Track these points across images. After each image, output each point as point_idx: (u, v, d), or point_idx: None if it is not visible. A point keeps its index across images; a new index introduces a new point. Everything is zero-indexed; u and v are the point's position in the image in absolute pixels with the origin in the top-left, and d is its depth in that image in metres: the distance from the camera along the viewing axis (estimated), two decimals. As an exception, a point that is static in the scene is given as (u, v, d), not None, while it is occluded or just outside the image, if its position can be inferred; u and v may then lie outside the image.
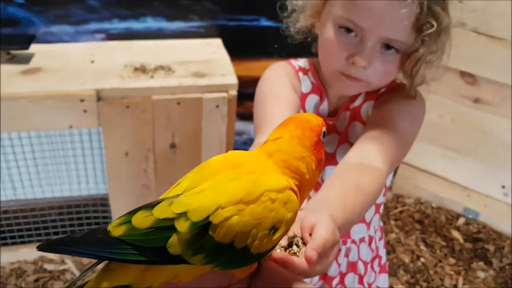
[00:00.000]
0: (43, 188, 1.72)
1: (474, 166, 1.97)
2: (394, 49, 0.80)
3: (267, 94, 0.91)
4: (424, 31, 0.77)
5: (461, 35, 1.77)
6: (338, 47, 0.82)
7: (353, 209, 0.68)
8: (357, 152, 0.80)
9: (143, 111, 1.45)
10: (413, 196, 2.12)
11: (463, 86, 1.87)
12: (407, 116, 0.87)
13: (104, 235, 0.48)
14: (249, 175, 0.49)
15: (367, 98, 0.92)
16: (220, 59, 1.60)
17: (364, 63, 0.79)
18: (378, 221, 1.06)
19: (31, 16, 1.54)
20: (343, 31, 0.81)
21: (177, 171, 1.59)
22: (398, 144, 0.83)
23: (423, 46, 0.78)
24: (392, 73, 0.84)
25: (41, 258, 1.72)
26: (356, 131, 0.91)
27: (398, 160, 0.84)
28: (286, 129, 0.56)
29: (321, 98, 0.94)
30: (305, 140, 0.55)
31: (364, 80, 0.83)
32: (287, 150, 0.53)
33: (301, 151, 0.54)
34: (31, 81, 1.41)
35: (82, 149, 1.67)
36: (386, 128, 0.83)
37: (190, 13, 1.65)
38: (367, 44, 0.79)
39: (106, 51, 1.59)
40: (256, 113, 0.91)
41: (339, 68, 0.83)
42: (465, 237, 1.95)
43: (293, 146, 0.54)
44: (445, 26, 0.80)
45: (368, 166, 0.76)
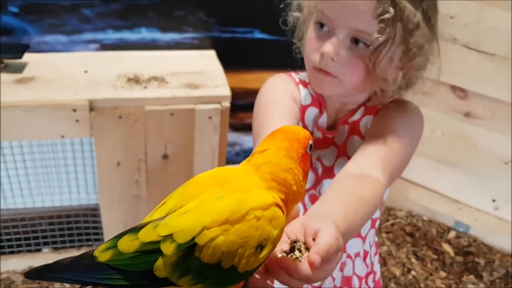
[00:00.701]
0: (34, 197, 1.71)
1: (465, 180, 1.98)
2: (363, 44, 0.80)
3: (268, 103, 0.91)
4: (382, 17, 0.76)
5: (452, 50, 1.79)
6: (314, 42, 0.83)
7: (354, 218, 0.68)
8: (356, 163, 0.80)
9: (135, 122, 1.45)
10: (404, 209, 2.13)
11: (454, 100, 1.88)
12: (406, 129, 0.87)
13: (90, 260, 0.48)
14: (234, 193, 0.49)
15: (366, 112, 0.92)
16: (213, 71, 1.60)
17: (331, 51, 0.79)
18: (374, 236, 1.06)
19: (25, 25, 1.55)
20: (318, 27, 0.83)
21: (169, 182, 1.59)
22: (397, 156, 0.83)
23: (380, 34, 0.77)
24: (359, 69, 0.81)
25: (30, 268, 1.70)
26: (354, 145, 0.91)
27: (397, 172, 0.84)
28: (273, 140, 0.56)
29: (321, 111, 0.94)
30: (292, 152, 0.55)
31: (334, 75, 0.82)
32: (274, 162, 0.54)
33: (288, 162, 0.54)
34: (24, 90, 1.41)
35: (73, 158, 1.66)
36: (385, 140, 0.83)
37: (184, 24, 1.66)
38: (337, 34, 0.80)
39: (100, 61, 1.59)
40: (255, 122, 0.90)
41: (313, 63, 0.83)
42: (456, 251, 1.95)
43: (280, 157, 0.54)
44: (414, 22, 0.78)
45: (368, 177, 0.76)
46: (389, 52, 0.79)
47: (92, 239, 1.76)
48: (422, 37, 0.80)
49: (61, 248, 1.75)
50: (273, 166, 0.53)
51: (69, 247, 1.76)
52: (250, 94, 1.81)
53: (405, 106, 0.91)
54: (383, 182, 0.77)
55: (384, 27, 0.77)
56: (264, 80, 0.99)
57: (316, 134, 0.94)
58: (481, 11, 1.71)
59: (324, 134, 0.94)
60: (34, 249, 1.73)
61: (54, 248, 1.75)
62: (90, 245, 1.77)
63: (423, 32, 0.80)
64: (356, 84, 0.84)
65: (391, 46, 0.79)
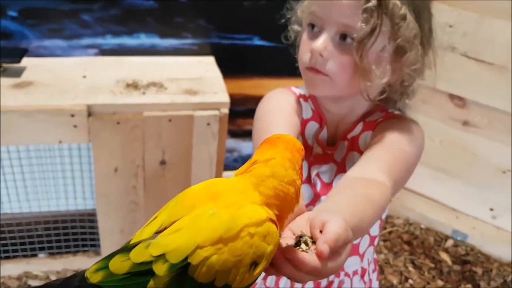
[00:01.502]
0: (30, 202, 1.70)
1: (463, 188, 1.98)
2: (351, 39, 0.79)
3: (270, 112, 0.90)
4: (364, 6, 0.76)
5: (451, 58, 1.80)
6: (306, 43, 0.83)
7: (363, 218, 0.66)
8: (360, 168, 0.79)
9: (134, 128, 1.44)
10: (402, 217, 2.13)
11: (453, 108, 1.88)
12: (407, 140, 0.86)
13: (81, 282, 0.47)
14: (227, 209, 0.48)
15: (365, 128, 0.91)
16: (212, 77, 1.60)
17: (319, 47, 0.79)
18: (372, 254, 1.05)
19: (24, 30, 1.54)
20: (310, 29, 0.83)
21: (166, 188, 1.58)
22: (400, 165, 0.82)
23: (365, 24, 0.77)
24: (348, 65, 0.80)
25: (26, 274, 1.69)
26: (354, 161, 0.90)
27: (401, 182, 0.83)
28: (276, 150, 0.55)
29: (321, 125, 0.94)
30: (295, 163, 0.54)
31: (324, 72, 0.81)
32: (280, 174, 0.52)
33: (292, 174, 0.53)
34: (22, 95, 1.40)
35: (71, 164, 1.66)
36: (388, 149, 0.82)
37: (183, 30, 1.65)
38: (326, 31, 0.80)
39: (99, 66, 1.59)
40: (256, 129, 0.89)
41: (305, 63, 0.83)
42: (453, 259, 1.95)
43: (286, 168, 0.53)
44: (400, 15, 0.77)
45: (375, 180, 0.75)
46: (376, 44, 0.78)
47: (88, 244, 1.75)
48: (410, 31, 0.79)
49: (57, 254, 1.74)
50: (278, 179, 0.52)
51: (65, 252, 1.75)
52: (249, 100, 1.81)
53: (403, 120, 0.90)
54: (389, 186, 0.76)
55: (368, 17, 0.77)
56: (263, 86, 0.99)
57: (316, 150, 0.94)
58: (480, 21, 1.71)
59: (324, 150, 0.93)
60: (30, 254, 1.72)
61: (50, 253, 1.74)
62: (86, 251, 1.76)
63: (411, 25, 0.79)
64: (346, 81, 0.83)
65: (376, 37, 0.78)
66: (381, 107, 0.93)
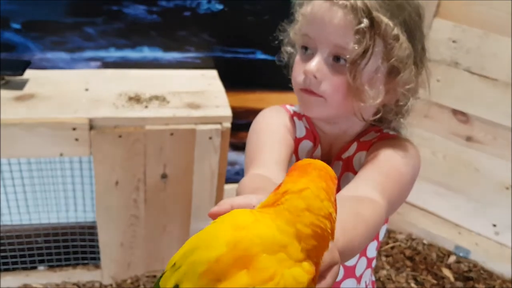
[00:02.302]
0: (31, 215, 1.70)
1: (466, 204, 1.96)
2: (344, 60, 0.79)
3: (264, 130, 0.90)
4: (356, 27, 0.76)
5: (454, 74, 1.79)
6: (299, 65, 0.83)
7: (354, 236, 0.64)
8: (352, 187, 0.77)
9: (135, 141, 1.44)
10: (404, 232, 2.11)
11: (456, 124, 1.88)
12: (402, 159, 0.85)
13: None
14: (266, 285, 0.44)
15: (359, 148, 0.90)
16: (215, 91, 1.60)
17: (313, 69, 0.79)
18: (370, 276, 1.03)
19: (27, 42, 1.54)
20: (303, 51, 0.83)
21: (167, 202, 1.58)
22: (395, 184, 0.81)
23: (357, 45, 0.77)
24: (341, 85, 0.80)
25: (25, 286, 1.68)
26: (348, 182, 0.89)
27: (396, 201, 0.81)
28: (309, 178, 0.49)
29: (315, 144, 0.93)
30: (330, 194, 0.49)
31: (318, 93, 0.81)
32: (316, 207, 0.47)
33: (328, 206, 0.48)
34: (24, 108, 1.40)
35: (72, 176, 1.65)
36: (381, 169, 0.81)
37: (186, 44, 1.65)
38: (319, 53, 0.80)
39: (101, 79, 1.59)
40: (250, 146, 0.89)
41: (299, 84, 0.83)
42: (456, 276, 1.93)
43: (322, 200, 0.48)
44: (392, 36, 0.77)
45: (368, 199, 0.73)
46: (369, 65, 0.78)
47: (88, 257, 1.74)
48: (403, 51, 0.79)
49: (56, 266, 1.73)
50: (314, 213, 0.47)
51: (64, 265, 1.73)
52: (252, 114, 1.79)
53: (398, 140, 0.89)
54: (382, 204, 0.74)
55: (360, 38, 0.77)
56: (266, 100, 0.99)
57: None
58: (484, 37, 1.71)
59: None
60: (30, 267, 1.71)
61: (50, 266, 1.73)
62: (86, 264, 1.75)
63: (404, 45, 0.79)
64: (340, 102, 0.82)
65: (369, 58, 0.78)
66: (376, 127, 0.92)
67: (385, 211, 0.75)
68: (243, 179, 0.76)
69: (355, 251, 0.68)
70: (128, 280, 1.72)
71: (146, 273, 1.73)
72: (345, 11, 0.77)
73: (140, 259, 1.69)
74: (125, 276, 1.71)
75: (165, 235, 1.64)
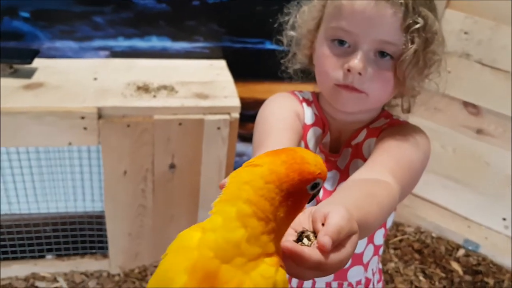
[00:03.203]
0: (39, 204, 1.70)
1: (475, 197, 1.95)
2: (389, 56, 0.79)
3: (271, 116, 0.89)
4: (411, 28, 0.77)
5: (465, 66, 1.77)
6: (333, 59, 0.81)
7: (368, 215, 0.63)
8: (365, 171, 0.77)
9: (143, 131, 1.44)
10: (413, 225, 2.10)
11: (466, 116, 1.86)
12: (412, 145, 0.84)
13: None
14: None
15: (369, 134, 0.90)
16: (223, 81, 1.59)
17: (359, 65, 0.78)
18: (377, 263, 1.03)
19: (36, 31, 1.54)
20: (336, 44, 0.81)
21: (175, 192, 1.57)
22: (405, 170, 0.80)
23: (412, 45, 0.77)
24: (388, 81, 0.81)
25: (33, 275, 1.69)
26: (357, 168, 0.89)
27: (407, 187, 0.81)
28: (272, 159, 0.48)
29: (324, 131, 0.92)
30: (283, 183, 0.47)
31: (361, 90, 0.81)
32: (256, 185, 0.46)
33: (271, 190, 0.47)
34: (32, 97, 1.40)
35: (80, 166, 1.65)
36: (392, 155, 0.81)
37: (195, 33, 1.65)
38: (361, 48, 0.79)
39: (110, 68, 1.58)
40: (257, 133, 0.88)
41: (335, 80, 0.82)
42: (464, 269, 1.92)
43: (267, 182, 0.47)
44: (434, 30, 0.79)
45: (381, 181, 0.73)
46: (414, 59, 0.79)
47: (96, 247, 1.74)
48: (439, 45, 0.81)
49: (64, 255, 1.74)
50: (253, 189, 0.46)
51: (72, 254, 1.74)
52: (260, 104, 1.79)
53: (408, 126, 0.90)
54: (396, 187, 0.74)
55: (413, 38, 0.77)
56: (275, 91, 0.98)
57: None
58: (495, 29, 1.69)
59: (327, 157, 0.91)
60: (38, 256, 1.72)
61: (58, 255, 1.73)
62: (94, 253, 1.75)
63: (441, 40, 0.81)
64: (383, 97, 0.84)
65: (419, 56, 0.79)
66: (386, 113, 0.93)
67: (398, 195, 0.75)
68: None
69: (370, 228, 0.67)
70: (136, 269, 1.72)
71: (153, 263, 1.73)
72: (393, 7, 0.76)
73: (148, 249, 1.69)
74: (132, 265, 1.72)
75: (172, 225, 1.64)
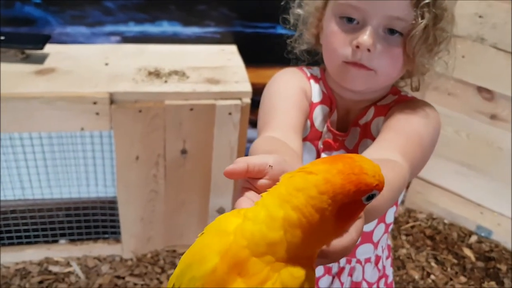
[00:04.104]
0: (52, 189, 1.72)
1: (488, 184, 1.93)
2: (398, 33, 0.78)
3: (277, 94, 0.87)
4: (421, 3, 0.75)
5: (480, 50, 1.74)
6: (341, 36, 0.80)
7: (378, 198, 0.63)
8: (373, 151, 0.76)
9: (155, 116, 1.44)
10: (425, 211, 2.09)
11: (480, 101, 1.83)
12: (421, 121, 0.83)
13: None
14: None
15: (377, 113, 0.88)
16: (234, 66, 1.58)
17: (368, 41, 0.76)
18: (386, 240, 1.03)
19: (47, 16, 1.54)
20: (344, 21, 0.80)
21: (187, 177, 1.58)
22: (416, 147, 0.79)
23: (422, 19, 0.76)
24: (398, 58, 0.80)
25: (47, 259, 1.71)
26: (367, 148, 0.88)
27: (417, 165, 0.80)
28: (328, 168, 0.45)
29: (331, 109, 0.91)
30: (339, 194, 0.44)
31: (370, 67, 0.79)
32: (310, 194, 0.44)
33: (324, 201, 0.44)
34: (44, 82, 1.40)
35: (92, 151, 1.66)
36: (401, 132, 0.80)
37: (206, 18, 1.64)
38: (370, 24, 0.77)
39: (121, 54, 1.58)
40: (262, 111, 0.87)
41: (343, 57, 0.80)
42: (477, 256, 1.91)
43: (322, 193, 0.44)
44: (443, 7, 0.77)
45: (390, 161, 0.71)
46: (424, 35, 0.78)
47: (108, 232, 1.76)
48: (449, 22, 0.80)
49: (77, 240, 1.75)
50: (305, 197, 0.44)
51: (85, 239, 1.76)
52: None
53: (416, 102, 0.88)
54: (405, 167, 0.73)
55: (423, 13, 0.75)
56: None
57: (325, 135, 0.90)
58: (510, 12, 1.66)
59: (334, 136, 0.90)
60: (51, 240, 1.74)
61: (71, 240, 1.75)
62: (107, 238, 1.77)
63: (450, 17, 0.80)
64: (392, 74, 0.82)
65: (429, 32, 0.77)
66: (394, 89, 0.91)
67: (408, 174, 0.74)
68: (256, 140, 0.74)
69: (379, 211, 0.66)
70: (148, 254, 1.73)
71: (165, 248, 1.74)
72: None
73: (160, 234, 1.70)
74: (145, 250, 1.73)
75: (184, 210, 1.65)
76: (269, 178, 0.53)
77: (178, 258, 1.71)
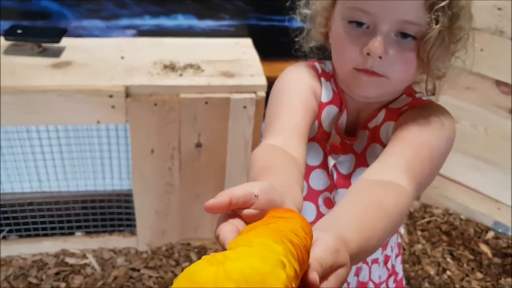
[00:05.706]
0: (68, 181, 1.73)
1: (506, 179, 1.90)
2: (411, 37, 0.74)
3: (286, 92, 0.84)
4: (436, 7, 0.71)
5: (498, 43, 1.72)
6: (351, 42, 0.76)
7: (373, 231, 0.59)
8: (377, 169, 0.72)
9: (170, 109, 1.44)
10: (441, 207, 2.07)
11: (498, 95, 1.81)
12: (434, 132, 0.78)
13: None
14: None
15: (387, 117, 0.84)
16: (249, 59, 1.58)
17: (379, 49, 0.73)
18: (396, 239, 1.00)
19: (63, 10, 1.55)
20: (354, 26, 0.76)
21: (201, 171, 1.58)
22: (425, 162, 0.74)
23: (436, 24, 0.72)
24: (411, 63, 0.76)
25: (63, 251, 1.73)
26: (375, 153, 0.84)
27: (426, 181, 0.76)
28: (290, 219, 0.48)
29: (341, 109, 0.87)
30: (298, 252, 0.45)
31: (382, 74, 0.75)
32: (300, 234, 0.46)
33: (308, 242, 0.47)
34: (61, 75, 1.41)
35: (108, 144, 1.67)
36: (410, 145, 0.75)
37: (221, 11, 1.63)
38: (381, 30, 0.74)
39: (136, 47, 1.59)
40: (270, 109, 0.83)
41: (354, 64, 0.76)
42: (493, 252, 1.88)
43: (306, 233, 0.47)
44: (460, 5, 0.74)
45: (392, 183, 0.67)
46: (444, 41, 0.74)
47: (124, 224, 1.77)
48: (466, 21, 0.76)
49: (93, 232, 1.77)
50: (298, 237, 0.46)
51: (101, 231, 1.77)
52: (286, 84, 1.78)
53: (430, 108, 0.83)
54: (410, 190, 0.68)
55: (438, 16, 0.72)
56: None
57: (334, 138, 0.87)
58: (532, 3, 1.63)
59: (342, 140, 0.87)
60: (67, 232, 1.75)
61: (87, 232, 1.77)
62: (122, 230, 1.78)
63: (468, 15, 0.76)
64: (405, 80, 0.79)
65: (444, 35, 0.73)
66: (409, 90, 0.86)
67: (412, 197, 0.69)
68: (257, 149, 0.72)
69: (376, 248, 0.62)
70: (163, 247, 1.74)
71: (180, 241, 1.75)
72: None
73: (175, 227, 1.71)
74: (160, 243, 1.74)
75: (199, 203, 1.65)
76: (255, 208, 0.52)
77: (192, 251, 1.72)
